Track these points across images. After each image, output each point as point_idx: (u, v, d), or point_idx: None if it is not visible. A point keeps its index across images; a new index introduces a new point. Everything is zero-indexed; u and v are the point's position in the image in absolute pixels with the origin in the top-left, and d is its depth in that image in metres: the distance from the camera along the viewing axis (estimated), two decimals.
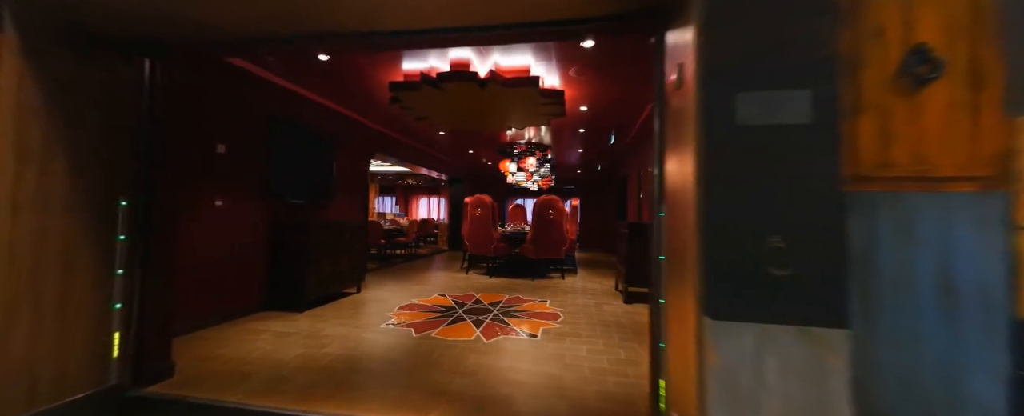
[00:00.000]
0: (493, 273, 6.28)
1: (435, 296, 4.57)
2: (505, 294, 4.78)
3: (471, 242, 6.31)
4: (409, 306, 4.06)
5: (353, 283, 4.59)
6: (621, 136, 6.15)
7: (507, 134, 6.16)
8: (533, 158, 7.04)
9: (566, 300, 4.51)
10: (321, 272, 3.96)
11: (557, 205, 5.95)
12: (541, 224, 5.89)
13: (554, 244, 5.98)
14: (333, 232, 4.18)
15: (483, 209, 6.13)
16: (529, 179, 7.71)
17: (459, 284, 5.41)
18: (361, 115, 5.33)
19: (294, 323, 3.38)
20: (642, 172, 6.20)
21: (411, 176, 12.78)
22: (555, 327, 3.41)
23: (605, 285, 5.58)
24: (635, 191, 6.85)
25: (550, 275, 6.41)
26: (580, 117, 4.92)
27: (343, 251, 4.35)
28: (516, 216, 10.62)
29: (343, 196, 5.11)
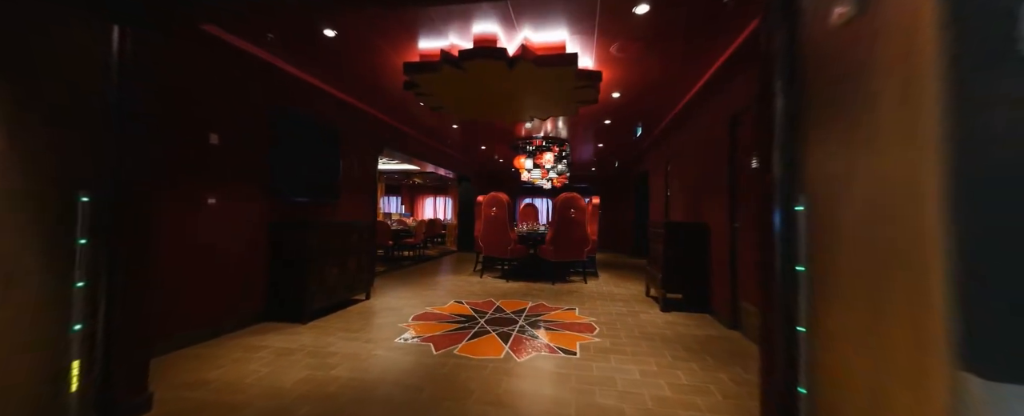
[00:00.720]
0: (509, 276, 5.86)
1: (452, 304, 4.16)
2: (527, 300, 4.36)
3: (486, 244, 5.89)
4: (424, 315, 3.65)
5: (362, 289, 4.18)
6: (649, 127, 5.71)
7: (525, 127, 5.74)
8: (551, 153, 6.62)
9: (596, 308, 4.08)
10: (327, 278, 3.55)
11: (579, 203, 5.52)
12: (562, 224, 5.46)
13: (576, 245, 5.55)
14: (340, 234, 3.77)
15: (499, 208, 5.71)
16: (545, 176, 7.28)
17: (475, 289, 4.99)
18: (370, 106, 4.92)
19: (297, 337, 2.97)
20: (669, 166, 5.77)
21: (417, 175, 12.39)
22: (593, 341, 2.99)
23: (632, 290, 5.14)
24: (659, 188, 6.41)
25: (570, 278, 5.98)
26: (609, 106, 4.50)
27: (351, 255, 3.95)
28: (528, 216, 10.20)
29: (350, 195, 4.71)
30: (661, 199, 6.29)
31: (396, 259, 7.81)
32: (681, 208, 5.11)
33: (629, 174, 9.57)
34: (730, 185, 3.44)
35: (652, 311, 3.99)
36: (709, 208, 3.99)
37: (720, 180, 3.65)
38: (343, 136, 4.51)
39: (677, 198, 5.36)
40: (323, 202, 4.21)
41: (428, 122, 5.73)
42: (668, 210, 5.89)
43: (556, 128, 6.18)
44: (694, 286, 3.99)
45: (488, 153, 8.25)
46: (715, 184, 3.81)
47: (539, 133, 6.42)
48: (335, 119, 4.39)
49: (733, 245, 3.40)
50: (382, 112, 5.19)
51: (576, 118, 5.37)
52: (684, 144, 4.90)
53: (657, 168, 6.59)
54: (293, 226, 3.41)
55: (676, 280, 3.98)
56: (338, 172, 4.36)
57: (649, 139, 6.53)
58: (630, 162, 8.91)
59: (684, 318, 3.72)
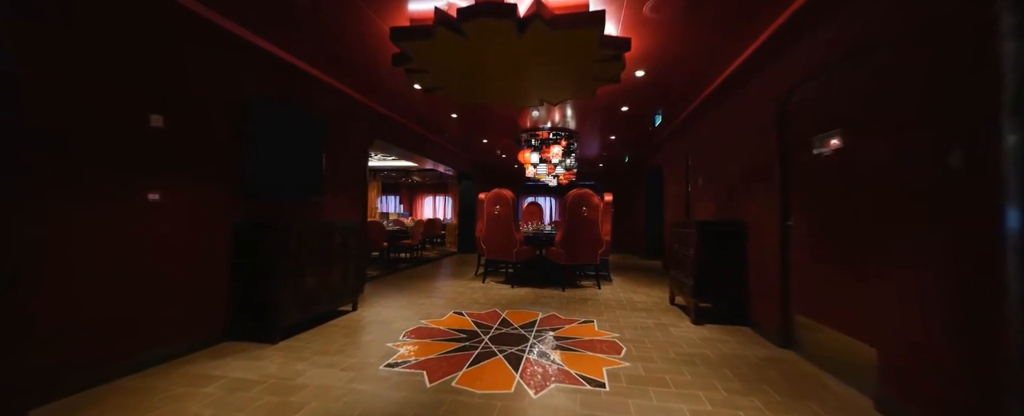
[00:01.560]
0: (515, 281, 5.32)
1: (450, 315, 3.62)
2: (536, 310, 3.82)
3: (489, 246, 5.35)
4: (419, 331, 3.11)
5: (348, 299, 3.64)
6: (669, 116, 5.16)
7: (532, 114, 5.19)
8: (559, 147, 6.07)
9: (617, 320, 3.54)
10: (304, 288, 3.02)
11: (592, 200, 4.98)
12: (573, 223, 4.92)
13: (589, 247, 5.01)
14: (321, 236, 3.23)
15: (503, 207, 5.17)
16: (551, 171, 6.74)
17: (477, 297, 4.45)
18: (358, 91, 4.38)
19: (260, 364, 2.43)
20: (691, 159, 5.22)
21: (416, 172, 11.86)
22: (623, 367, 2.45)
23: (653, 297, 4.60)
24: (678, 183, 5.86)
25: (582, 283, 5.44)
26: (631, 87, 3.95)
27: (335, 260, 3.41)
28: (531, 215, 9.66)
29: (336, 192, 4.17)
30: (680, 196, 5.75)
31: (392, 262, 7.27)
32: (707, 205, 4.56)
33: (640, 169, 9.03)
34: (780, 175, 2.90)
35: (682, 323, 3.45)
36: (747, 204, 3.44)
37: (765, 170, 3.10)
38: (328, 125, 3.97)
39: (702, 194, 4.81)
40: (304, 200, 3.67)
41: (424, 111, 5.19)
42: (689, 208, 5.34)
43: (564, 119, 5.64)
44: (729, 294, 3.45)
45: (490, 147, 7.71)
46: (757, 175, 3.26)
47: (545, 124, 5.88)
48: (318, 106, 3.85)
49: (784, 246, 2.86)
50: (372, 99, 4.65)
51: (588, 106, 4.83)
52: (712, 132, 4.35)
53: (675, 161, 6.04)
54: (262, 227, 2.87)
55: (710, 288, 3.44)
56: (321, 166, 3.82)
57: (666, 130, 5.99)
58: (643, 156, 8.36)
59: (722, 332, 3.18)
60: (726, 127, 3.95)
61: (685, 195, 5.47)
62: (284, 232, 2.83)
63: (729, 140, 3.87)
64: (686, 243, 3.73)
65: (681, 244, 3.91)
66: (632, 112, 4.92)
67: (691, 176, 5.27)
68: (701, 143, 4.77)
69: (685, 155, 5.45)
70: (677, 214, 5.92)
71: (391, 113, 5.21)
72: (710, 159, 4.47)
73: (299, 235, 2.98)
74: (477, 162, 9.72)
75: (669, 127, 5.75)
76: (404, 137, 5.79)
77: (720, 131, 4.11)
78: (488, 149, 7.87)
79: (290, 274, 2.88)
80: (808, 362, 2.57)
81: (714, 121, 4.27)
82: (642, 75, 3.55)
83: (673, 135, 5.93)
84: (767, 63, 3.07)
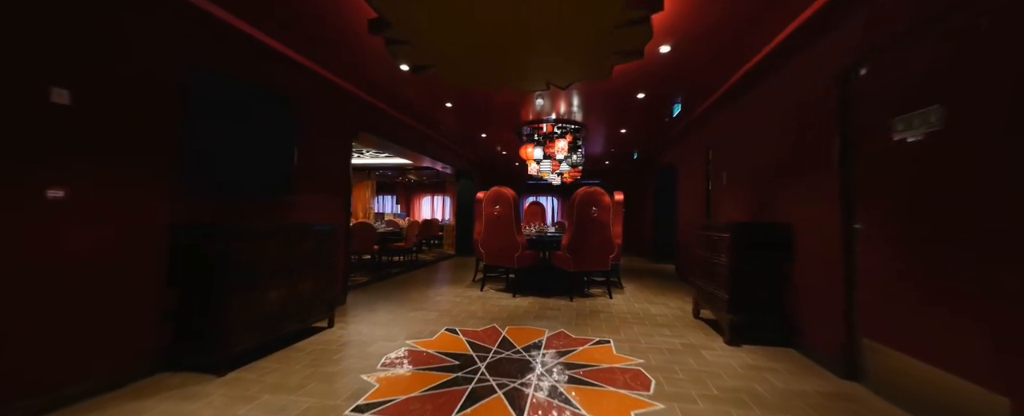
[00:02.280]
0: (516, 289, 4.79)
1: (442, 333, 3.09)
2: (542, 326, 3.29)
3: (488, 250, 4.83)
4: (401, 355, 2.58)
5: (322, 314, 3.12)
6: (690, 104, 4.63)
7: (535, 103, 4.65)
8: (564, 141, 5.54)
9: (636, 339, 3.01)
10: (262, 303, 2.49)
11: (603, 200, 4.46)
12: (582, 225, 4.39)
13: (599, 251, 4.48)
14: (287, 241, 2.71)
15: (503, 207, 4.65)
16: (556, 168, 6.22)
17: (474, 308, 3.93)
18: (338, 75, 3.86)
19: (193, 405, 1.91)
20: (712, 153, 4.69)
21: (412, 171, 11.34)
22: (656, 410, 1.92)
23: (673, 308, 4.07)
24: (696, 180, 5.33)
25: (591, 291, 4.92)
26: (652, 67, 3.42)
27: (305, 269, 2.89)
28: (533, 216, 9.13)
29: (312, 190, 3.64)
30: (698, 195, 5.22)
31: (383, 266, 6.75)
32: (734, 205, 4.03)
33: (649, 167, 8.49)
34: (842, 169, 2.37)
35: (715, 344, 2.92)
36: (792, 203, 2.91)
37: (818, 163, 2.58)
38: (301, 113, 3.45)
39: (726, 193, 4.28)
40: (270, 199, 3.14)
41: (415, 99, 4.67)
42: (710, 208, 4.81)
43: (570, 110, 5.11)
44: (771, 310, 2.92)
45: (490, 143, 7.18)
46: (805, 169, 2.74)
47: (550, 116, 5.35)
48: (289, 89, 3.33)
49: (848, 255, 2.33)
50: (355, 84, 4.13)
51: (599, 93, 4.31)
52: (742, 121, 3.82)
53: (692, 157, 5.51)
54: (208, 231, 2.34)
55: (748, 302, 2.91)
56: (292, 160, 3.30)
57: (683, 122, 5.45)
58: (653, 153, 7.82)
59: (766, 357, 2.65)
60: (761, 114, 3.42)
61: (704, 194, 4.94)
62: (234, 237, 2.31)
63: (765, 129, 3.34)
64: (716, 249, 3.20)
65: (709, 250, 3.38)
66: (649, 99, 4.39)
67: (713, 173, 4.74)
68: (726, 135, 4.24)
69: (705, 149, 4.92)
70: (694, 215, 5.39)
71: (378, 102, 4.68)
72: (739, 153, 3.94)
73: (256, 241, 2.45)
74: (476, 159, 9.20)
75: (686, 119, 5.22)
76: (394, 130, 5.26)
77: (753, 119, 3.58)
78: (487, 145, 7.34)
79: (243, 289, 2.35)
80: (884, 400, 2.05)
81: (745, 108, 3.74)
82: (667, 51, 3.01)
83: (690, 128, 5.39)
84: (822, 33, 2.54)
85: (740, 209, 3.89)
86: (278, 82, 3.23)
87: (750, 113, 3.64)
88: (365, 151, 8.53)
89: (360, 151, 8.51)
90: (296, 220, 3.42)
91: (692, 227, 5.33)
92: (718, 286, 3.14)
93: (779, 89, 3.10)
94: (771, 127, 3.24)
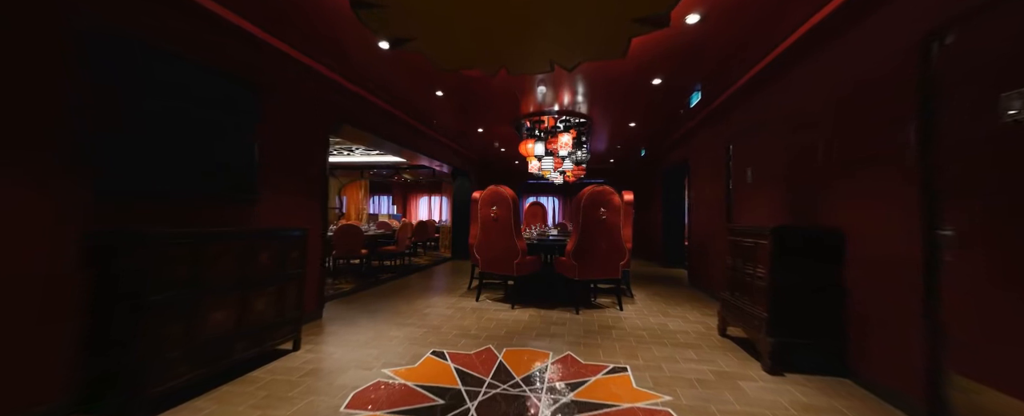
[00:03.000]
0: (515, 298, 4.31)
1: (427, 358, 2.61)
2: (545, 347, 2.82)
3: (484, 256, 4.35)
4: (374, 391, 2.10)
5: (285, 335, 2.64)
6: (712, 90, 4.15)
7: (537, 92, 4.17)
8: (568, 135, 5.06)
9: (658, 365, 2.54)
10: (202, 328, 2.02)
11: (612, 200, 3.98)
12: (590, 228, 3.92)
13: (608, 258, 4.00)
14: (238, 250, 2.24)
15: (502, 207, 4.17)
16: (558, 166, 5.74)
17: (468, 323, 3.45)
18: (311, 56, 3.39)
19: None
20: (733, 147, 4.23)
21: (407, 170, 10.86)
22: None
23: (692, 322, 3.60)
24: (714, 178, 4.86)
25: (598, 300, 4.44)
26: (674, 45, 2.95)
27: (265, 282, 2.41)
28: (534, 217, 8.65)
29: (279, 190, 3.17)
30: (715, 195, 4.74)
31: (373, 272, 6.27)
32: (762, 205, 3.56)
33: (657, 165, 8.01)
34: (924, 160, 1.89)
35: (752, 372, 2.44)
36: (847, 203, 2.44)
37: (887, 153, 2.10)
38: (270, 101, 2.98)
39: (752, 192, 3.80)
40: (223, 201, 2.67)
41: (403, 87, 4.20)
42: (730, 210, 4.34)
43: (574, 101, 4.64)
44: (821, 332, 2.44)
45: (487, 138, 6.71)
46: (868, 161, 2.26)
47: (553, 107, 4.87)
48: (255, 73, 2.85)
49: (930, 268, 1.85)
50: (336, 70, 3.66)
51: (610, 78, 3.83)
52: (776, 109, 3.35)
53: (708, 153, 5.03)
54: (129, 240, 1.86)
55: (794, 321, 2.44)
56: (252, 155, 2.82)
57: (699, 115, 4.98)
58: (662, 149, 7.34)
59: (819, 392, 2.17)
60: (802, 100, 2.94)
61: (723, 194, 4.47)
62: (153, 248, 1.82)
63: (807, 118, 2.86)
64: (752, 257, 2.72)
65: (742, 258, 2.90)
66: (665, 87, 3.90)
67: (734, 169, 4.27)
68: (753, 127, 3.76)
69: (724, 144, 4.44)
70: (710, 217, 4.92)
71: (362, 91, 4.20)
72: (769, 147, 3.46)
73: (192, 251, 1.97)
74: (473, 157, 8.73)
75: (704, 111, 4.74)
76: (382, 123, 4.78)
77: (790, 107, 3.10)
78: (484, 140, 6.87)
79: (169, 313, 1.87)
80: None
81: (780, 94, 3.26)
82: (695, 21, 2.53)
83: (708, 120, 4.92)
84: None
85: (771, 211, 3.41)
86: (240, 63, 2.75)
87: (786, 99, 3.16)
88: (355, 148, 8.05)
89: (350, 149, 8.03)
90: (260, 224, 2.94)
91: (711, 230, 4.86)
92: (754, 301, 2.66)
93: (829, 67, 2.62)
94: (816, 114, 2.76)
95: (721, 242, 4.48)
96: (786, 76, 3.13)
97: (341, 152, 8.30)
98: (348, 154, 8.44)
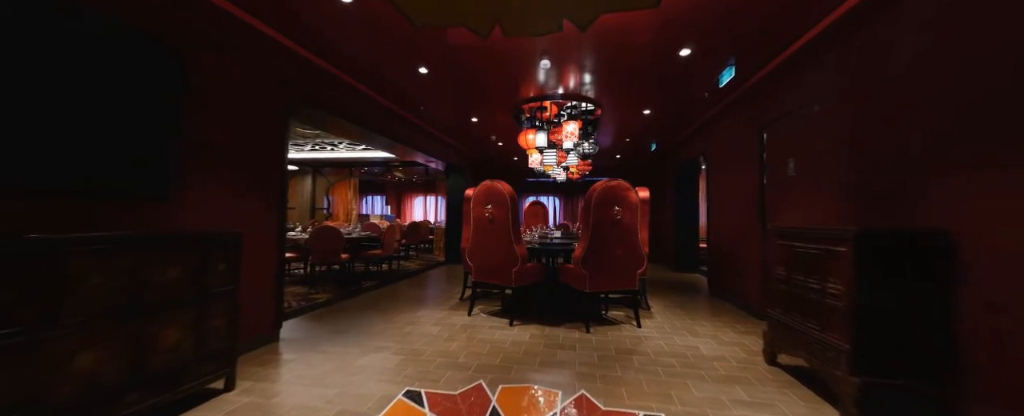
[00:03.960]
0: (514, 312, 3.68)
1: (398, 401, 1.98)
2: (552, 381, 2.20)
3: (477, 262, 3.72)
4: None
5: (214, 370, 2.01)
6: (749, 65, 3.52)
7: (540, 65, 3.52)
8: (574, 124, 4.44)
9: (702, 409, 1.91)
10: (51, 383, 1.38)
11: (629, 198, 3.36)
12: (602, 230, 3.30)
13: (625, 265, 3.38)
14: (122, 266, 1.61)
15: (498, 206, 3.55)
16: (562, 161, 5.12)
17: (455, 347, 2.82)
18: (253, 13, 2.76)
19: None
20: (769, 134, 3.62)
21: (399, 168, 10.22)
22: None
23: (728, 344, 2.97)
24: (740, 173, 4.24)
25: (610, 314, 3.82)
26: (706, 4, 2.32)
27: (177, 303, 1.79)
28: (535, 217, 8.03)
29: (215, 184, 2.53)
30: (745, 191, 4.12)
31: (355, 279, 5.63)
32: (815, 203, 2.94)
33: (668, 161, 7.39)
34: None
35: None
36: (961, 198, 1.81)
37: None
38: (195, 68, 2.34)
39: (799, 186, 3.19)
40: (121, 195, 2.03)
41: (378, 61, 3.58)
42: (763, 208, 3.71)
43: (581, 82, 4.02)
44: (924, 368, 1.82)
45: (483, 129, 6.08)
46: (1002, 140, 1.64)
47: (557, 91, 4.24)
48: (173, 28, 2.22)
49: None
50: (289, 35, 3.03)
51: (628, 51, 3.21)
52: (837, 82, 2.72)
53: (735, 144, 4.41)
54: None
55: (888, 356, 1.81)
56: (170, 135, 2.19)
57: (726, 100, 4.36)
58: (675, 143, 6.71)
59: None
60: (877, 65, 2.32)
61: (756, 190, 3.84)
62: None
63: (888, 90, 2.24)
64: (820, 268, 2.10)
65: (802, 269, 2.28)
66: (695, 59, 3.26)
67: (769, 162, 3.65)
68: (799, 106, 3.13)
69: (755, 132, 3.82)
70: (736, 218, 4.30)
71: (327, 64, 3.55)
72: (822, 131, 2.84)
73: (28, 268, 1.34)
74: (468, 152, 8.10)
75: (733, 93, 4.10)
76: (356, 106, 4.13)
77: (862, 76, 2.48)
78: (480, 132, 6.24)
79: None
80: None
81: (845, 62, 2.63)
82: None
83: (734, 106, 4.29)
84: None
85: (822, 209, 2.80)
86: (155, 16, 2.12)
87: (854, 67, 2.54)
88: (338, 143, 7.42)
89: (333, 143, 7.39)
90: (183, 225, 2.30)
91: (737, 232, 4.23)
92: (824, 326, 2.04)
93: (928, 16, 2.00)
94: (904, 84, 2.14)
95: (752, 246, 3.86)
96: (853, 40, 2.51)
97: (324, 147, 7.66)
98: (332, 149, 7.80)
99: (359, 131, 4.34)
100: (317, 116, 3.65)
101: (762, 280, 3.68)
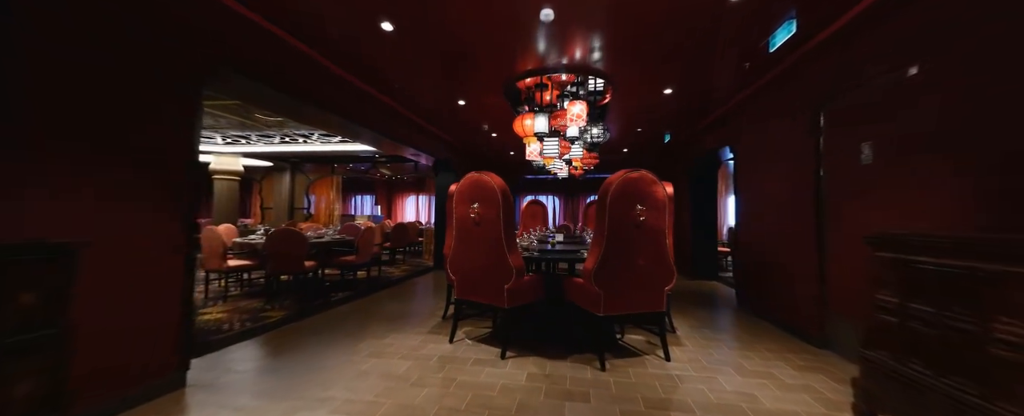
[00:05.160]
0: (507, 340, 2.89)
1: None
2: None
3: (461, 275, 2.95)
4: None
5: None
6: (816, 19, 2.73)
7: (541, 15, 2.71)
8: (581, 105, 3.66)
9: None
10: None
11: (655, 193, 2.60)
12: (621, 235, 2.53)
13: (649, 281, 2.62)
14: None
15: (487, 205, 2.77)
16: (565, 152, 4.34)
17: (424, 401, 2.05)
18: None
19: None
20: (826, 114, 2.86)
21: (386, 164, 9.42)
22: None
23: (791, 389, 2.21)
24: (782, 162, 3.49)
25: (627, 339, 3.05)
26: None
27: None
28: (533, 219, 7.27)
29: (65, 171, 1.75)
30: (793, 187, 3.35)
31: (323, 290, 4.85)
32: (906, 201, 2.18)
33: (683, 155, 6.62)
34: None
35: None
36: None
37: None
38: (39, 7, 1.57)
39: (873, 180, 2.43)
40: None
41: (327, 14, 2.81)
42: (820, 208, 2.95)
43: (590, 50, 3.25)
44: None
45: (472, 115, 5.30)
46: None
47: (560, 61, 3.46)
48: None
49: None
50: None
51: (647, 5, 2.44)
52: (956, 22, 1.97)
53: (777, 128, 3.65)
54: None
55: None
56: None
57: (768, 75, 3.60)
58: (692, 134, 5.93)
59: None
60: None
61: (810, 185, 3.07)
62: None
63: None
64: (977, 299, 1.33)
65: (942, 299, 1.51)
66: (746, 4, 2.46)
67: (829, 147, 2.89)
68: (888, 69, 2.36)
69: (810, 109, 3.05)
70: (779, 220, 3.53)
71: (256, 16, 2.74)
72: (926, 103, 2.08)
73: None
74: (458, 145, 7.33)
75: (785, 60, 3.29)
76: (303, 76, 3.31)
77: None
78: (469, 118, 5.45)
79: None
80: None
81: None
82: None
83: (780, 79, 3.52)
84: None
85: (925, 210, 2.04)
86: None
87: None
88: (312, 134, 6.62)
89: (305, 134, 6.59)
90: (13, 235, 1.52)
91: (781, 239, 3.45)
92: (991, 391, 1.27)
93: None
94: None
95: (804, 254, 3.10)
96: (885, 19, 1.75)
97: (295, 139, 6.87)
98: (304, 141, 7.01)
99: (303, 108, 3.45)
100: (248, 89, 2.85)
101: (818, 297, 2.92)
